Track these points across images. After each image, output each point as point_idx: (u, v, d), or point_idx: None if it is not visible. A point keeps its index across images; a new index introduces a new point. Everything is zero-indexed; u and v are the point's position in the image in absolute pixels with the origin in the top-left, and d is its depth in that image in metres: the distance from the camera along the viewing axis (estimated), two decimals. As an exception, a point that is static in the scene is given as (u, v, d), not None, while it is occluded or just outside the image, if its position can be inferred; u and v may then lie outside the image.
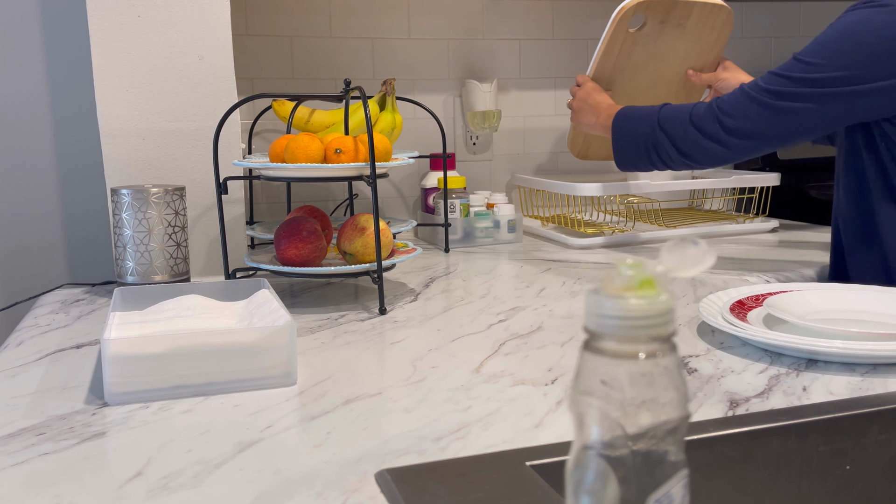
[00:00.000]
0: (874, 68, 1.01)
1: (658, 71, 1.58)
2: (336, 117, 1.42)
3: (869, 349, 0.78)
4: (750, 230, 1.68)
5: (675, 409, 0.36)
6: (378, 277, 1.05)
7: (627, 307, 0.35)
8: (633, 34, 1.52)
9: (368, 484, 0.57)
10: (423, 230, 1.65)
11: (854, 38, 1.02)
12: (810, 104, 1.05)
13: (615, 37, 1.52)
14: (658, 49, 1.56)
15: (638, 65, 1.56)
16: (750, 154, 1.16)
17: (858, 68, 1.02)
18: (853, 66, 1.02)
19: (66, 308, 1.12)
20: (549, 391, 0.75)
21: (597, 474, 0.36)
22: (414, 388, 0.77)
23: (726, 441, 0.64)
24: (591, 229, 1.59)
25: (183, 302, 0.92)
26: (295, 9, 1.63)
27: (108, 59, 1.21)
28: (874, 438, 0.68)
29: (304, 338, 0.94)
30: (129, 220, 1.12)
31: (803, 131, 1.09)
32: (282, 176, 1.08)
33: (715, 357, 0.84)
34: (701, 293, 1.12)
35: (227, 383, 0.76)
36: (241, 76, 1.57)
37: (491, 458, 0.60)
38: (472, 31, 1.77)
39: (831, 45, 1.04)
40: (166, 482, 0.58)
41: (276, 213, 1.64)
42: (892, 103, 1.04)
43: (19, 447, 0.65)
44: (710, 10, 1.56)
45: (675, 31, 1.55)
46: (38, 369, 0.85)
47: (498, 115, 1.72)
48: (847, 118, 1.07)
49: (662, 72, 1.59)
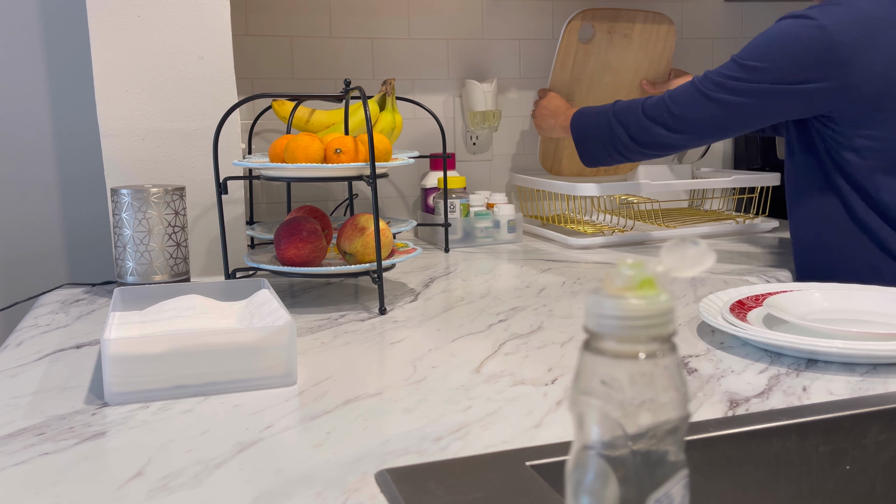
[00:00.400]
0: (798, 72, 1.12)
1: (613, 81, 1.73)
2: (336, 117, 1.42)
3: (869, 349, 0.78)
4: (750, 230, 1.68)
5: (675, 409, 0.36)
6: (378, 277, 1.05)
7: (627, 307, 0.35)
8: (584, 46, 1.69)
9: (368, 484, 0.57)
10: (423, 230, 1.65)
11: (782, 44, 1.13)
12: (746, 99, 1.16)
13: (567, 49, 1.68)
14: (610, 60, 1.72)
15: (594, 76, 1.72)
16: (695, 141, 1.26)
17: (785, 71, 1.13)
18: (781, 68, 1.13)
19: (66, 308, 1.12)
20: (549, 391, 0.75)
21: (597, 474, 0.36)
22: (414, 388, 0.77)
23: (726, 441, 0.64)
24: (591, 229, 1.60)
25: (183, 302, 0.92)
26: (295, 9, 1.63)
27: (108, 59, 1.21)
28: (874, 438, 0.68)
29: (304, 338, 0.94)
30: (129, 220, 1.12)
31: (739, 123, 1.21)
32: (282, 176, 1.08)
33: (715, 357, 0.84)
34: (701, 293, 1.12)
35: (227, 383, 0.76)
36: (241, 76, 1.57)
37: (491, 458, 0.60)
38: (472, 31, 1.77)
39: (764, 49, 1.14)
40: (166, 482, 0.58)
41: (276, 213, 1.64)
42: (816, 104, 1.14)
43: (19, 447, 0.65)
44: (653, 20, 1.74)
45: (623, 41, 1.72)
46: (38, 369, 0.85)
47: (498, 115, 1.72)
48: (778, 114, 1.17)
49: (618, 82, 1.74)
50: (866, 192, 1.14)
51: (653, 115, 1.26)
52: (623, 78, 1.74)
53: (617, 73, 1.73)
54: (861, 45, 1.08)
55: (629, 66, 1.73)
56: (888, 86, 1.10)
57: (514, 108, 1.82)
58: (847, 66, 1.09)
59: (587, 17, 1.68)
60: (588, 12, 1.67)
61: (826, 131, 1.16)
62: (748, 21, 2.00)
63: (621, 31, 1.69)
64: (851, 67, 1.09)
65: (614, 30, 1.69)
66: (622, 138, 1.31)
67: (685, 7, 1.94)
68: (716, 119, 1.20)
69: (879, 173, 1.13)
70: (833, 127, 1.15)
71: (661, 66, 1.76)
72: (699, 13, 1.96)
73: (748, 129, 1.24)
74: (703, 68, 1.92)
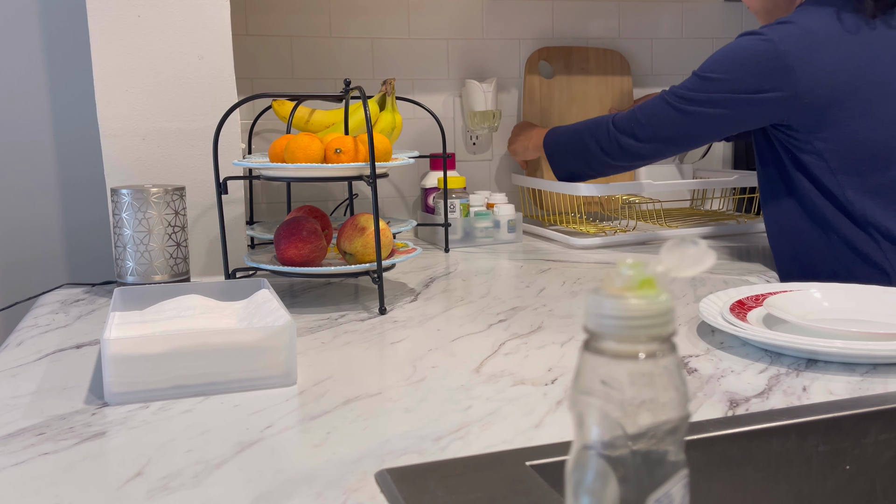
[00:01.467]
0: (751, 82, 1.19)
1: (582, 113, 1.82)
2: (336, 117, 1.42)
3: (869, 349, 0.78)
4: (750, 230, 1.68)
5: (675, 409, 0.36)
6: (378, 277, 1.05)
7: (627, 307, 0.35)
8: (547, 82, 1.79)
9: (368, 484, 0.57)
10: (423, 230, 1.65)
11: (736, 56, 1.21)
12: (707, 109, 1.23)
13: (531, 85, 1.78)
14: (574, 93, 1.82)
15: (562, 109, 1.81)
16: (661, 151, 1.31)
17: (739, 81, 1.20)
18: (736, 79, 1.20)
19: (66, 308, 1.12)
20: (549, 391, 0.75)
21: (597, 474, 0.36)
22: (414, 388, 0.77)
23: (726, 441, 0.64)
24: (591, 229, 1.59)
25: (183, 302, 0.92)
26: (295, 9, 1.63)
27: (108, 59, 1.21)
28: (874, 438, 0.68)
29: (304, 338, 0.94)
30: (129, 220, 1.12)
31: (702, 131, 1.28)
32: (282, 176, 1.08)
33: (715, 357, 0.84)
34: (701, 293, 1.12)
35: (227, 383, 0.76)
36: (241, 76, 1.57)
37: (491, 458, 0.60)
38: (472, 31, 1.77)
39: (721, 62, 1.23)
40: (166, 482, 0.58)
41: (276, 213, 1.64)
42: (770, 113, 1.20)
43: (19, 447, 0.65)
44: (604, 55, 1.84)
45: (582, 74, 1.82)
46: (38, 369, 0.85)
47: (498, 115, 1.72)
48: (736, 123, 1.24)
49: (586, 113, 1.81)
50: (830, 192, 1.19)
51: (622, 126, 1.32)
52: (590, 109, 1.82)
53: (583, 104, 1.82)
54: (806, 55, 1.16)
55: (592, 97, 1.82)
56: (836, 90, 1.16)
57: (514, 108, 1.82)
58: (793, 73, 1.16)
59: (543, 55, 1.80)
60: (543, 51, 1.79)
61: (786, 138, 1.22)
62: (748, 21, 1.99)
63: (578, 66, 1.81)
64: (798, 75, 1.16)
65: (571, 64, 1.81)
66: (594, 151, 1.36)
67: (685, 7, 1.94)
68: (680, 128, 1.27)
69: (841, 173, 1.18)
70: (792, 133, 1.20)
71: (625, 95, 1.85)
72: (699, 13, 1.96)
73: (712, 138, 1.31)
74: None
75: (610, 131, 1.33)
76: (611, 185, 1.53)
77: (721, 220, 1.69)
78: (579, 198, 1.71)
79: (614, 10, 1.88)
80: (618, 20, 1.89)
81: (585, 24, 1.86)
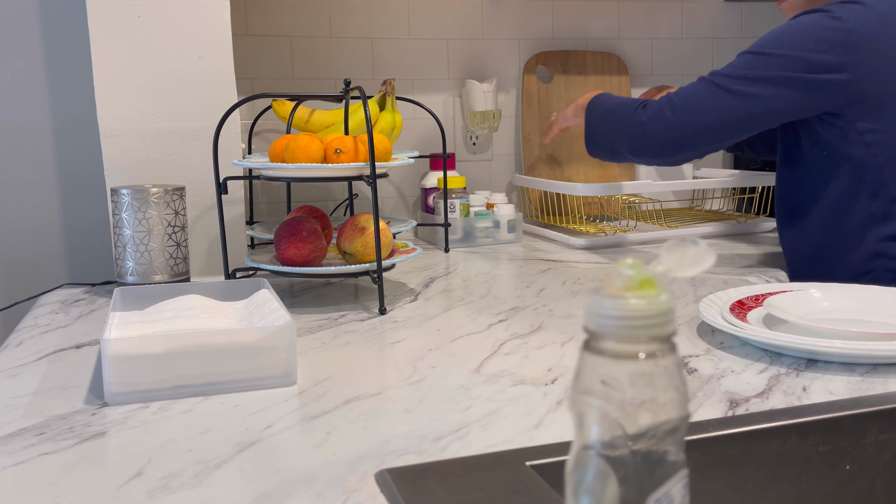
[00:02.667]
0: (814, 59, 1.10)
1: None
2: (336, 117, 1.42)
3: (869, 349, 0.78)
4: (750, 230, 1.68)
5: (675, 409, 0.36)
6: (378, 277, 1.05)
7: (627, 307, 0.35)
8: (546, 87, 1.79)
9: (368, 484, 0.57)
10: (423, 230, 1.65)
11: (798, 32, 1.12)
12: (759, 89, 1.12)
13: (529, 90, 1.78)
14: (571, 94, 1.80)
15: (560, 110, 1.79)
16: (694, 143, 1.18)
17: (801, 60, 1.10)
18: (797, 56, 1.11)
19: (66, 308, 1.12)
20: (549, 391, 0.75)
21: (597, 474, 0.36)
22: (414, 388, 0.77)
23: (726, 441, 0.64)
24: (591, 229, 1.59)
25: (183, 302, 0.92)
26: (295, 9, 1.63)
27: (108, 59, 1.21)
28: (874, 438, 0.68)
29: (304, 338, 0.94)
30: (129, 220, 1.12)
31: (751, 115, 1.14)
32: (282, 176, 1.08)
33: (715, 357, 0.84)
34: (701, 293, 1.12)
35: (226, 383, 0.76)
36: (241, 76, 1.57)
37: (491, 457, 0.60)
38: (472, 31, 1.77)
39: (780, 38, 1.13)
40: (166, 482, 0.58)
41: (276, 213, 1.64)
42: (829, 97, 1.12)
43: (19, 447, 0.65)
44: (601, 58, 1.84)
45: (580, 78, 1.82)
46: (38, 369, 0.85)
47: (498, 115, 1.72)
48: (792, 108, 1.13)
49: None
50: (872, 188, 1.13)
51: (652, 112, 1.19)
52: None
53: None
54: (875, 36, 1.09)
55: None
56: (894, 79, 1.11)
57: (514, 108, 1.82)
58: (861, 55, 1.09)
59: (540, 59, 1.79)
60: (541, 55, 1.78)
61: (829, 130, 1.15)
62: (748, 21, 2.00)
63: (575, 70, 1.81)
64: (865, 58, 1.09)
65: (568, 69, 1.81)
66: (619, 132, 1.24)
67: (685, 7, 1.94)
68: (726, 112, 1.14)
69: (888, 168, 1.13)
70: (838, 123, 1.13)
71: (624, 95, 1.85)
72: (699, 13, 1.96)
73: (757, 126, 1.17)
74: (704, 68, 1.95)
75: (637, 115, 1.21)
76: (611, 185, 1.53)
77: (721, 220, 1.69)
78: (579, 198, 1.71)
79: (614, 10, 1.88)
80: (617, 20, 1.89)
81: (585, 25, 1.86)
